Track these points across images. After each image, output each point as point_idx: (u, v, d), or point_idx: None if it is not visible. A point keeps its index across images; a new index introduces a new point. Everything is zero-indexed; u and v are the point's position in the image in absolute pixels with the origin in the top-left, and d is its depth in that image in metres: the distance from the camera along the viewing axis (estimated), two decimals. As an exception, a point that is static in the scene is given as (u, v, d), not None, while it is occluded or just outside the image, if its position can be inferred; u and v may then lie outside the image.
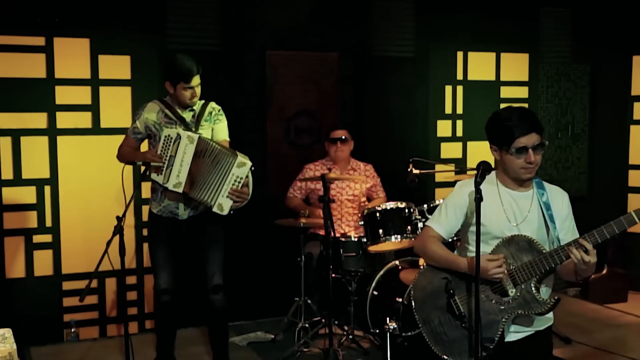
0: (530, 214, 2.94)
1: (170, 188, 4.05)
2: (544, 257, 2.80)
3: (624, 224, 2.72)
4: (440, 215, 3.10)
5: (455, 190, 3.11)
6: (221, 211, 4.03)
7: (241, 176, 4.01)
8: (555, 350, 4.76)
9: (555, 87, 6.82)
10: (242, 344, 5.18)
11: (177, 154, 4.01)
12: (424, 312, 3.07)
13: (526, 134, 2.86)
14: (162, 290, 4.31)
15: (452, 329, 2.97)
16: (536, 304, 2.81)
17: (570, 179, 6.86)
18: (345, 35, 5.97)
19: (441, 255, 3.03)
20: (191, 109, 4.26)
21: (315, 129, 5.99)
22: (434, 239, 3.09)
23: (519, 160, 2.88)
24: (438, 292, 3.02)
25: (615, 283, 6.60)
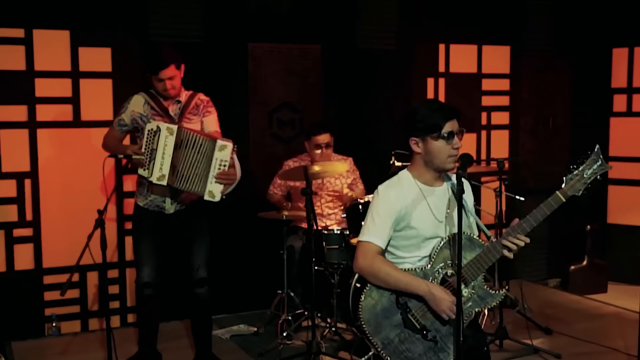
0: (452, 207, 2.92)
1: (154, 181, 4.03)
2: (488, 251, 2.80)
3: (553, 205, 2.86)
4: (375, 225, 2.90)
5: (380, 195, 2.95)
6: (213, 198, 4.03)
7: (225, 159, 4.00)
8: (535, 340, 4.85)
9: (536, 80, 6.86)
10: (224, 337, 5.18)
11: (158, 147, 4.00)
12: (381, 333, 2.88)
13: (451, 118, 2.86)
14: (145, 284, 4.30)
15: (414, 344, 2.85)
16: (490, 298, 2.82)
17: (552, 171, 6.91)
18: (328, 28, 5.97)
19: (395, 277, 2.83)
20: (177, 100, 4.24)
21: (298, 121, 5.98)
22: (381, 257, 2.89)
23: (447, 146, 2.85)
24: (389, 309, 2.87)
25: (595, 274, 6.67)
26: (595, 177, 2.89)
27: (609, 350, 4.88)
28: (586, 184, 2.88)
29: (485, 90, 6.70)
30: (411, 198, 2.91)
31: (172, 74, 4.13)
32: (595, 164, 2.90)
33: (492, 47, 6.67)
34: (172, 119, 4.19)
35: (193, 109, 4.27)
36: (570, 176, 2.91)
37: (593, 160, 2.91)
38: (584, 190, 2.89)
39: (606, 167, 2.91)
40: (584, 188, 2.89)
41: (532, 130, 6.89)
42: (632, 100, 6.89)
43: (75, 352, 4.91)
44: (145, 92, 4.26)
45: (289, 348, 4.84)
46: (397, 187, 2.96)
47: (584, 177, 2.88)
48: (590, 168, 2.90)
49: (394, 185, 2.97)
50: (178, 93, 4.22)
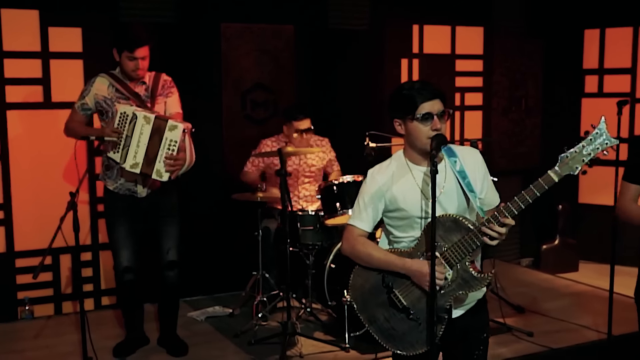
0: (446, 186, 2.84)
1: (127, 169, 4.00)
2: (473, 234, 2.71)
3: (544, 185, 2.64)
4: (360, 210, 2.94)
5: (367, 181, 2.95)
6: (160, 177, 3.99)
7: (174, 139, 3.95)
8: (508, 319, 4.91)
9: (509, 61, 6.89)
10: (199, 318, 5.18)
11: (134, 135, 3.95)
12: (368, 311, 2.96)
13: (430, 99, 2.76)
14: (125, 269, 4.28)
15: (398, 322, 2.89)
16: (475, 282, 2.76)
17: (524, 152, 6.97)
18: (301, 8, 5.93)
19: (377, 257, 2.89)
20: (142, 82, 4.20)
21: (272, 102, 5.96)
22: (362, 239, 2.93)
23: (425, 127, 2.76)
24: (376, 288, 2.92)
25: (567, 253, 6.77)
26: (599, 152, 2.58)
27: (580, 327, 4.96)
28: (584, 161, 2.59)
29: (458, 71, 6.72)
30: (400, 179, 2.87)
31: (145, 54, 4.10)
32: (599, 138, 2.58)
33: (465, 28, 6.69)
34: (143, 102, 4.15)
35: (160, 90, 4.23)
36: (565, 154, 2.62)
37: (596, 134, 2.59)
38: (581, 169, 2.60)
39: (612, 141, 2.57)
40: (582, 165, 2.60)
41: (505, 111, 6.93)
42: (604, 81, 6.96)
43: (49, 335, 4.88)
44: (107, 74, 4.20)
45: (264, 329, 4.85)
46: (386, 170, 2.94)
47: (583, 153, 2.58)
48: (591, 144, 2.58)
49: (382, 169, 2.94)
50: (144, 74, 4.18)
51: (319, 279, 4.89)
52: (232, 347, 4.65)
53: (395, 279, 2.88)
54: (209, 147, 5.47)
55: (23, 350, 4.61)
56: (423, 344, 2.84)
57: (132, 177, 4.15)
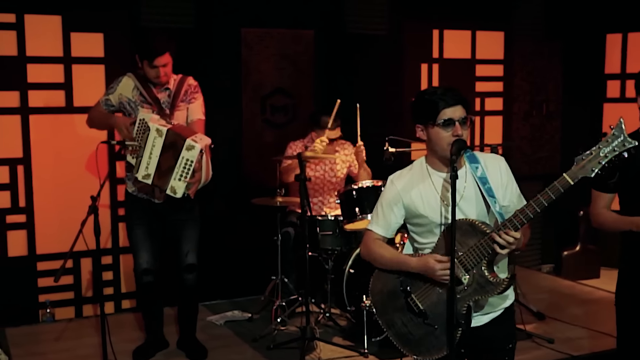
0: (467, 192, 2.82)
1: (139, 179, 4.01)
2: (488, 238, 2.69)
3: (559, 188, 2.58)
4: (377, 215, 2.99)
5: (387, 187, 2.98)
6: (174, 194, 3.99)
7: (191, 159, 3.94)
8: (528, 325, 4.87)
9: (529, 66, 6.85)
10: (219, 323, 5.19)
11: (146, 146, 3.95)
12: (386, 315, 2.98)
13: (452, 105, 2.75)
14: (144, 271, 4.30)
15: (415, 327, 2.89)
16: (491, 287, 2.73)
17: (545, 157, 6.92)
18: (320, 13, 5.94)
19: (388, 258, 2.93)
20: (166, 88, 4.21)
21: (291, 107, 5.97)
22: (377, 242, 2.98)
23: (447, 133, 2.75)
24: (394, 292, 2.93)
25: (588, 259, 6.70)
26: (618, 155, 2.52)
27: (601, 334, 4.90)
28: (601, 163, 2.53)
29: (479, 76, 6.69)
30: (419, 186, 2.87)
31: (167, 61, 4.10)
32: (616, 140, 2.52)
33: (485, 33, 6.66)
34: (162, 109, 4.15)
35: (183, 96, 4.24)
36: (581, 156, 2.58)
37: (614, 136, 2.53)
38: (598, 170, 2.54)
39: (630, 142, 2.50)
40: (599, 168, 2.54)
41: (526, 116, 6.89)
42: (626, 86, 6.89)
43: (69, 338, 4.91)
44: (134, 75, 4.21)
45: (283, 334, 4.85)
46: (406, 176, 2.95)
47: (600, 155, 2.54)
48: (608, 145, 2.53)
49: (403, 175, 2.96)
50: (169, 80, 4.20)
51: (338, 284, 4.89)
52: (250, 351, 4.65)
53: (412, 283, 2.89)
54: (228, 152, 5.48)
55: (44, 352, 4.64)
56: (440, 350, 2.82)
57: (145, 187, 4.17)
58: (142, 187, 4.18)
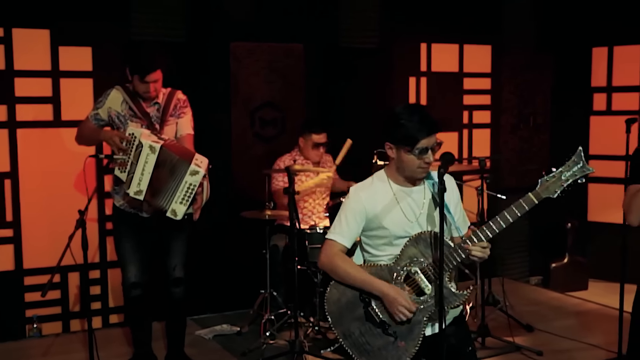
0: (425, 207, 2.94)
1: (131, 195, 4.00)
2: (453, 250, 2.79)
3: (524, 206, 2.78)
4: (341, 225, 3.00)
5: (350, 197, 3.03)
6: (175, 216, 4.00)
7: (194, 184, 3.96)
8: (517, 338, 4.88)
9: (517, 79, 6.90)
10: (207, 337, 5.16)
11: (139, 162, 3.94)
12: (343, 325, 3.00)
13: (429, 135, 2.85)
14: (132, 284, 4.27)
15: (374, 338, 2.93)
16: (453, 297, 2.82)
17: (533, 170, 6.95)
18: (310, 27, 5.96)
19: (352, 275, 2.95)
20: (156, 102, 4.20)
21: (281, 120, 5.98)
22: (341, 255, 3.00)
23: (419, 160, 2.86)
24: (352, 302, 2.97)
25: (576, 271, 6.73)
26: (576, 179, 2.80)
27: (589, 347, 4.92)
28: (563, 186, 2.78)
29: (466, 89, 6.73)
30: (382, 199, 2.94)
31: (158, 77, 4.10)
32: (576, 165, 2.79)
33: (473, 46, 6.71)
34: (152, 123, 4.15)
35: (172, 111, 4.23)
36: (546, 177, 2.80)
37: (574, 162, 2.80)
38: (560, 193, 2.79)
39: (588, 169, 2.79)
40: (561, 190, 2.79)
41: (513, 128, 6.93)
42: (612, 99, 6.95)
43: (56, 353, 4.87)
44: (123, 88, 4.19)
45: (272, 347, 4.83)
46: (369, 188, 3.01)
47: (562, 179, 2.78)
48: (569, 170, 2.79)
49: (365, 187, 3.02)
50: (158, 95, 4.20)
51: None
52: (239, 365, 4.64)
53: (372, 294, 2.93)
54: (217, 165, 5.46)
55: (31, 368, 4.61)
56: None
57: (136, 203, 4.15)
58: (131, 202, 4.17)
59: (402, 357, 2.87)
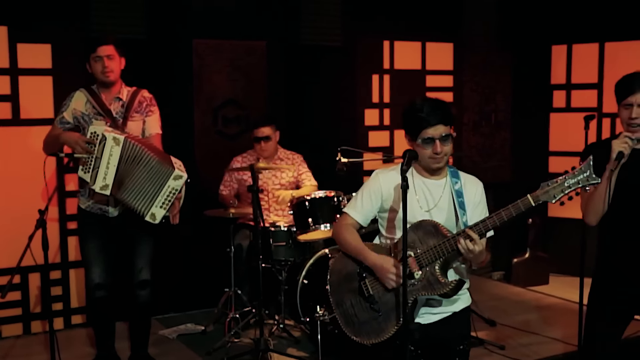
0: (442, 201, 3.03)
1: (97, 190, 3.96)
2: (447, 241, 2.88)
3: (521, 207, 2.80)
4: (356, 202, 3.15)
5: (371, 178, 3.16)
6: (154, 220, 3.99)
7: (177, 188, 3.98)
8: (480, 332, 4.93)
9: (478, 76, 6.97)
10: (171, 336, 5.13)
11: (103, 156, 3.91)
12: (338, 295, 3.15)
13: (433, 125, 2.93)
14: (96, 285, 4.23)
15: (362, 311, 3.05)
16: (439, 285, 2.90)
17: (495, 166, 7.04)
18: (273, 24, 5.95)
19: (351, 244, 3.10)
20: (118, 98, 4.17)
21: (244, 118, 5.96)
22: (349, 227, 3.15)
23: (427, 150, 2.95)
24: (351, 275, 3.11)
25: (537, 266, 6.83)
26: (580, 187, 2.77)
27: (550, 340, 5.00)
28: (564, 192, 2.77)
29: (429, 86, 6.78)
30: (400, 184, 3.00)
31: (111, 52, 4.10)
32: (582, 174, 2.76)
33: (435, 44, 6.76)
34: (115, 120, 4.11)
35: (137, 107, 4.21)
36: (547, 182, 2.81)
37: (581, 170, 2.76)
38: (559, 199, 2.79)
39: (594, 179, 2.75)
40: (561, 196, 2.78)
41: (475, 126, 7.01)
42: (571, 96, 7.06)
43: (17, 355, 4.80)
44: (85, 89, 4.18)
45: (237, 346, 4.82)
46: (390, 172, 3.12)
47: (564, 185, 2.76)
48: (574, 178, 2.76)
49: (387, 171, 3.13)
50: (116, 79, 4.16)
51: (291, 295, 4.88)
52: (204, 364, 4.62)
53: (369, 270, 3.05)
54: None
55: (-9, 371, 4.54)
56: (377, 335, 2.99)
57: (102, 199, 4.11)
58: (98, 200, 4.12)
59: (380, 334, 2.97)
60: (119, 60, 4.16)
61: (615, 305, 3.30)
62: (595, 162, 3.04)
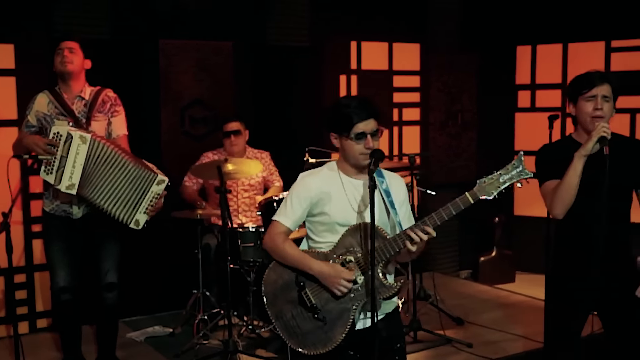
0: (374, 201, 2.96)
1: (62, 190, 3.91)
2: (388, 243, 2.86)
3: (460, 205, 2.82)
4: (286, 207, 3.07)
5: (298, 181, 3.09)
6: (137, 226, 4.01)
7: (159, 192, 3.99)
8: (447, 330, 4.98)
9: (445, 76, 7.03)
10: (139, 339, 5.09)
11: (69, 155, 3.87)
12: (276, 306, 3.07)
13: (364, 119, 2.91)
14: (61, 289, 4.18)
15: (304, 321, 2.99)
16: (383, 289, 2.88)
17: (461, 166, 7.10)
18: (240, 24, 5.94)
19: (290, 253, 3.02)
20: (81, 97, 4.13)
21: (211, 118, 5.93)
22: (283, 236, 3.06)
23: (359, 145, 2.91)
24: (289, 285, 3.03)
25: (503, 264, 6.90)
26: (513, 183, 2.82)
27: (517, 337, 5.06)
28: (499, 188, 2.81)
29: (396, 87, 6.81)
30: (329, 186, 3.00)
31: (73, 46, 4.09)
32: (515, 169, 2.81)
33: (402, 45, 6.80)
34: (77, 120, 4.07)
35: (100, 106, 4.17)
36: (484, 179, 2.83)
37: (514, 165, 2.81)
38: (496, 194, 2.82)
39: (526, 174, 2.81)
40: (497, 192, 2.82)
41: (442, 125, 7.06)
42: (536, 96, 7.16)
43: (-20, 361, 4.73)
44: (48, 90, 4.14)
45: (206, 348, 4.80)
46: (317, 175, 3.06)
47: (499, 181, 2.80)
48: (508, 173, 2.81)
49: (314, 173, 3.07)
50: (75, 71, 4.12)
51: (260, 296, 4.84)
52: (172, 367, 4.59)
53: (307, 278, 3.00)
54: (147, 165, 5.40)
55: (-47, 377, 4.46)
56: (324, 345, 2.95)
57: (67, 199, 4.07)
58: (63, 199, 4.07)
59: (328, 343, 2.93)
60: (82, 57, 4.15)
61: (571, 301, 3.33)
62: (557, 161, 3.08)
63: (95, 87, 4.22)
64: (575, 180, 3.15)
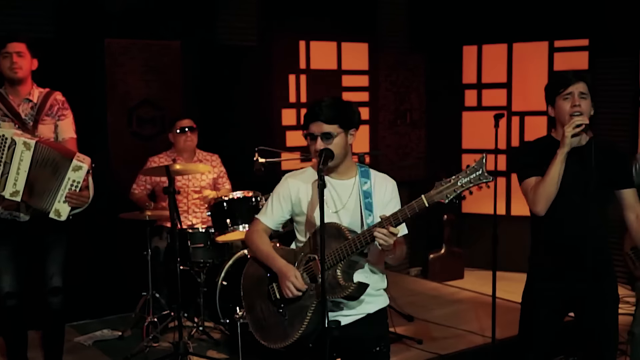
0: (350, 201, 3.04)
1: (6, 197, 3.81)
2: (348, 243, 2.88)
3: (416, 208, 2.80)
4: (267, 207, 3.16)
5: (281, 182, 3.16)
6: (59, 217, 3.87)
7: (78, 180, 3.87)
8: (398, 328, 5.02)
9: (393, 76, 7.09)
10: (87, 343, 5.01)
11: (13, 161, 3.77)
12: (250, 299, 3.16)
13: (312, 122, 2.99)
14: (7, 294, 4.08)
15: (269, 315, 3.06)
16: (339, 289, 2.90)
17: (410, 164, 7.17)
18: (188, 24, 5.89)
19: (261, 250, 3.11)
20: (28, 99, 4.03)
21: (159, 118, 5.87)
22: (260, 232, 3.16)
23: (312, 147, 3.00)
24: (262, 279, 3.11)
25: (453, 262, 7.01)
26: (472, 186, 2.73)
27: (466, 333, 5.14)
28: (456, 192, 2.74)
29: (345, 86, 6.84)
30: (308, 186, 3.06)
31: (21, 49, 3.98)
32: (474, 173, 2.71)
33: (351, 44, 6.84)
34: (24, 123, 3.98)
35: (48, 110, 4.08)
36: (441, 182, 2.78)
37: (473, 169, 2.71)
38: (453, 198, 2.77)
39: (486, 178, 2.69)
40: (454, 196, 2.76)
41: (391, 125, 7.12)
42: (482, 95, 7.28)
43: None
44: None
45: (156, 350, 4.75)
46: (299, 175, 3.13)
47: (457, 184, 2.73)
48: (466, 177, 2.72)
49: (296, 174, 3.14)
50: (24, 77, 4.03)
51: (211, 297, 4.84)
52: (122, 370, 4.53)
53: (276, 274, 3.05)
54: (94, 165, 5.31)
55: None
56: (283, 340, 2.99)
57: (12, 205, 3.97)
58: (8, 206, 3.97)
59: (286, 339, 2.97)
60: (30, 60, 4.04)
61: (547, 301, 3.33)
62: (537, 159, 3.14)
63: (44, 89, 4.12)
64: (557, 175, 3.15)
